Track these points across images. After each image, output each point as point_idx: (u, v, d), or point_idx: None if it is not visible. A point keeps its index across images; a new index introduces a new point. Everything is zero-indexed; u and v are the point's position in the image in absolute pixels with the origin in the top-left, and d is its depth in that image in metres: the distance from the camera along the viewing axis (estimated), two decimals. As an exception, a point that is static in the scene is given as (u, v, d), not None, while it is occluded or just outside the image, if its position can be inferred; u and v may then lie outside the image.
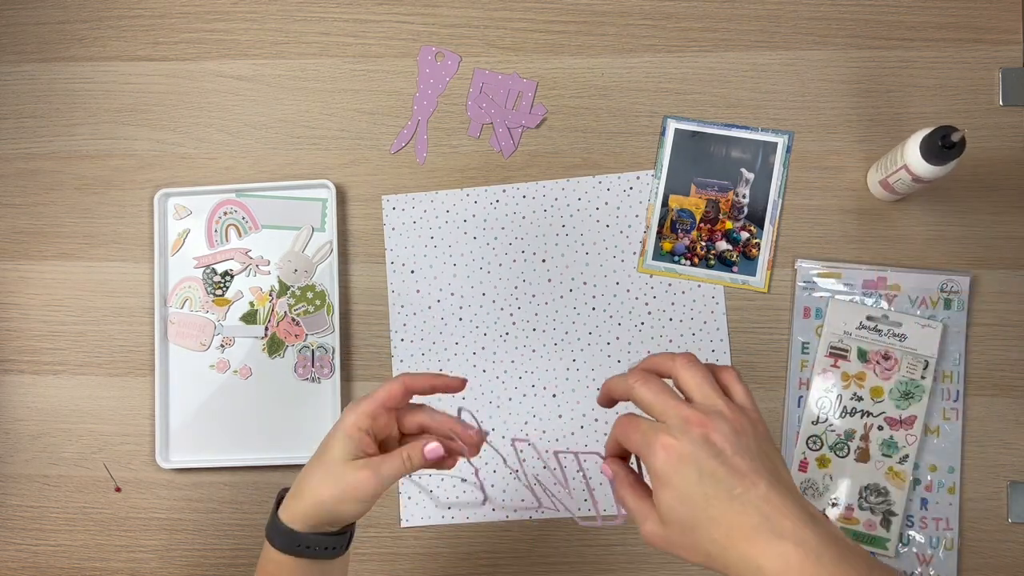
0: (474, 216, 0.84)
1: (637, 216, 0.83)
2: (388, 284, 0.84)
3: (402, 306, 0.83)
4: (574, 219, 0.83)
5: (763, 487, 0.47)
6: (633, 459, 0.55)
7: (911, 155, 0.72)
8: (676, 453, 0.48)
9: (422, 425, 0.62)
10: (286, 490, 0.63)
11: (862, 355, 0.80)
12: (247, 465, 0.82)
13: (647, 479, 0.52)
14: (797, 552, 0.46)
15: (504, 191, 0.84)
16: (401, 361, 0.83)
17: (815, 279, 0.81)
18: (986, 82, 0.83)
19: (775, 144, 0.83)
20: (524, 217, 0.84)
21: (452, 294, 0.83)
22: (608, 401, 0.55)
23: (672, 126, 0.83)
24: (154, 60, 0.87)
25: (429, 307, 0.83)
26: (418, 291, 0.83)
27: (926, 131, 0.71)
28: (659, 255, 0.83)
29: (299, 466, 0.83)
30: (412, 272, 0.84)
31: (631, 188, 0.83)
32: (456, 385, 0.62)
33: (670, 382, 0.52)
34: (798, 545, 0.46)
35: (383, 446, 0.62)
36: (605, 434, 0.81)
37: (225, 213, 0.85)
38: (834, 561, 0.46)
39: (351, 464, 0.59)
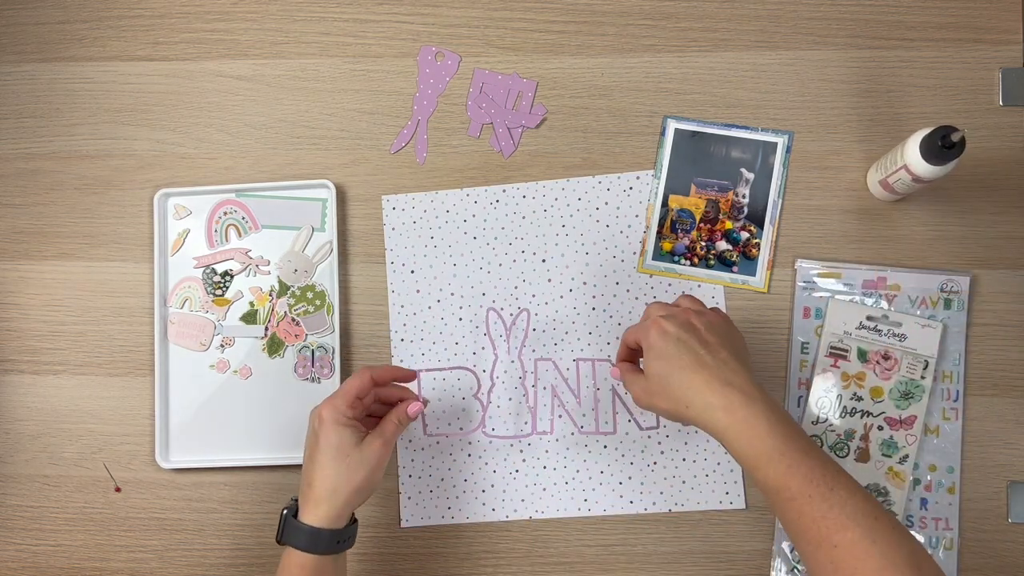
0: (474, 216, 0.84)
1: (637, 216, 0.83)
2: (388, 284, 0.84)
3: (402, 306, 0.83)
4: (574, 219, 0.83)
5: (724, 354, 0.65)
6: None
7: (911, 155, 0.72)
8: (663, 329, 0.66)
9: (386, 396, 0.75)
10: (293, 501, 0.71)
11: (862, 355, 0.80)
12: (247, 465, 0.82)
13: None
14: (739, 396, 0.63)
15: (504, 191, 0.84)
16: (401, 361, 0.83)
17: (815, 279, 0.81)
18: (986, 82, 0.83)
19: (775, 144, 0.83)
20: (524, 217, 0.84)
21: (452, 294, 0.83)
22: (627, 353, 0.72)
23: (672, 126, 0.83)
24: (154, 60, 0.87)
25: (429, 307, 0.83)
26: (418, 291, 0.83)
27: (926, 131, 0.71)
28: (659, 255, 0.83)
29: (299, 466, 0.83)
30: (412, 272, 0.84)
31: (631, 188, 0.83)
32: (409, 376, 0.75)
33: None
34: (741, 392, 0.63)
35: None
36: (605, 435, 0.82)
37: (225, 213, 0.85)
38: (767, 407, 0.62)
39: (362, 445, 0.69)
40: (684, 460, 0.81)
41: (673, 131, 0.83)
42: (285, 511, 0.70)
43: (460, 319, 0.83)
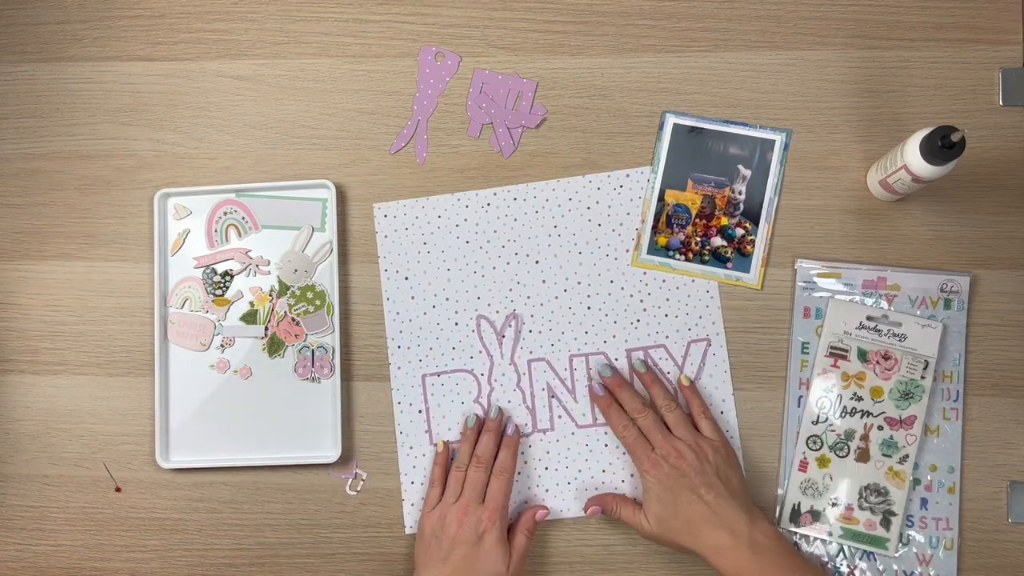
0: (466, 220, 0.84)
1: (628, 214, 0.83)
2: (383, 291, 0.83)
3: (397, 313, 0.83)
4: (565, 219, 0.83)
5: (712, 495, 0.73)
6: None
7: (911, 155, 0.72)
8: (658, 475, 0.75)
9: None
10: None
11: (862, 355, 0.80)
12: (247, 465, 0.82)
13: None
14: (729, 537, 0.72)
15: (495, 194, 0.84)
16: (399, 368, 0.83)
17: (815, 279, 0.81)
18: (986, 82, 0.83)
19: (772, 141, 0.83)
20: (516, 219, 0.84)
21: (447, 299, 0.83)
22: (605, 401, 0.80)
23: (670, 121, 0.83)
24: (154, 60, 0.87)
25: (424, 313, 0.83)
26: (413, 297, 0.83)
27: (926, 131, 0.71)
28: (654, 249, 0.83)
29: (299, 466, 0.83)
30: (406, 279, 0.84)
31: (621, 186, 0.83)
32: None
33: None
34: (731, 532, 0.72)
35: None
36: (605, 433, 0.82)
37: (225, 213, 0.85)
38: (759, 547, 0.72)
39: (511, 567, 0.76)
40: (684, 460, 0.81)
41: (671, 126, 0.83)
42: None
43: (456, 324, 0.83)
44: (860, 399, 0.80)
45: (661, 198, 0.83)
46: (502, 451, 0.79)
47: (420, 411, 0.83)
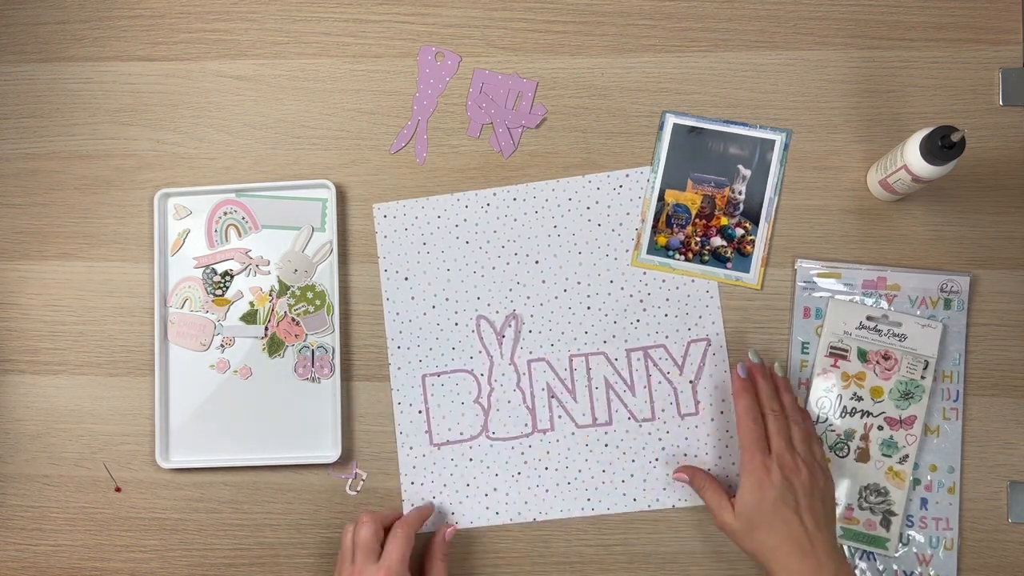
0: (465, 220, 0.84)
1: (628, 214, 0.83)
2: (383, 292, 0.83)
3: (397, 313, 0.83)
4: (565, 219, 0.83)
5: (812, 524, 0.70)
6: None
7: (911, 155, 0.72)
8: (766, 478, 0.72)
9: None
10: None
11: (862, 355, 0.80)
12: (247, 465, 0.82)
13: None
14: (811, 566, 0.69)
15: (495, 194, 0.84)
16: (399, 368, 0.83)
17: (815, 279, 0.81)
18: (986, 82, 0.83)
19: (772, 141, 0.83)
20: (516, 219, 0.84)
21: (447, 299, 0.83)
22: (743, 384, 0.77)
23: (670, 120, 0.83)
24: (154, 60, 0.87)
25: (424, 313, 0.83)
26: (412, 298, 0.83)
27: (926, 131, 0.71)
28: (654, 249, 0.83)
29: (299, 466, 0.83)
30: (406, 279, 0.84)
31: (621, 186, 0.83)
32: (427, 512, 0.81)
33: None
34: (817, 563, 0.69)
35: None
36: (606, 433, 0.82)
37: (225, 213, 0.85)
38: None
39: None
40: (686, 456, 0.81)
41: (671, 126, 0.83)
42: None
43: (456, 324, 0.83)
44: (860, 399, 0.80)
45: (661, 198, 0.83)
46: (410, 511, 0.80)
47: (420, 411, 0.83)
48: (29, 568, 0.84)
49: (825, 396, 0.80)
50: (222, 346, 0.84)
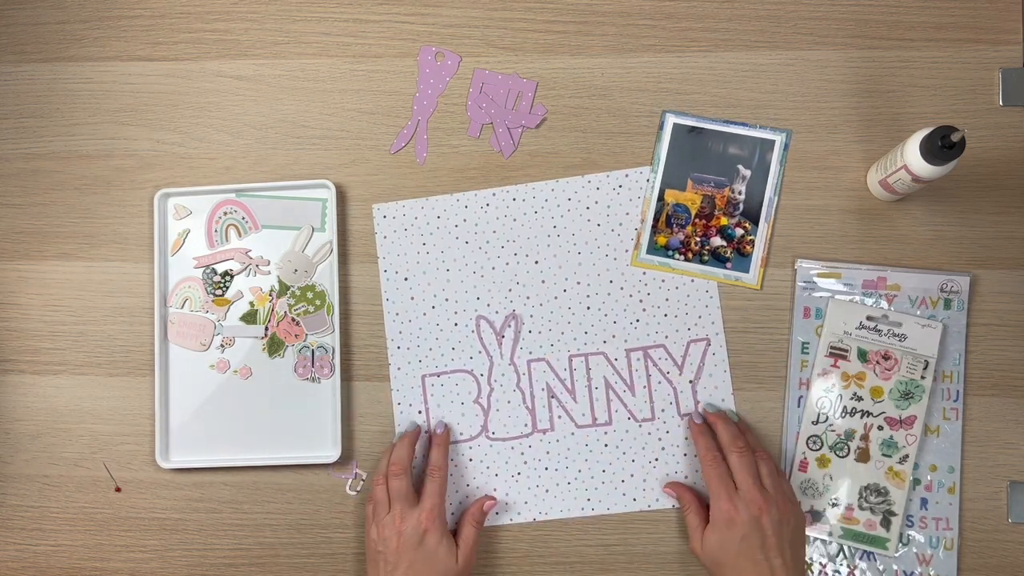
0: (465, 221, 0.84)
1: (628, 214, 0.83)
2: (383, 292, 0.83)
3: (397, 314, 0.83)
4: (564, 219, 0.83)
5: (780, 563, 0.71)
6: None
7: (911, 155, 0.72)
8: (734, 516, 0.73)
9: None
10: None
11: (862, 355, 0.80)
12: (247, 465, 0.82)
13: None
14: None
15: (494, 194, 0.84)
16: (399, 369, 0.83)
17: (815, 279, 0.81)
18: (986, 82, 0.83)
19: (772, 142, 0.83)
20: (515, 220, 0.84)
21: (447, 300, 0.83)
22: (699, 428, 0.79)
23: (670, 120, 0.83)
24: (154, 60, 0.87)
25: (424, 313, 0.83)
26: (412, 298, 0.83)
27: (926, 131, 0.71)
28: (653, 249, 0.83)
29: (299, 466, 0.83)
30: (406, 279, 0.84)
31: (620, 186, 0.83)
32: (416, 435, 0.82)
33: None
34: None
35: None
36: (606, 433, 0.82)
37: (225, 213, 0.85)
38: None
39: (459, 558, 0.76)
40: (685, 455, 0.81)
41: (671, 126, 0.83)
42: None
43: (455, 324, 0.83)
44: (860, 399, 0.80)
45: (661, 198, 0.83)
46: (432, 450, 0.80)
47: (420, 411, 0.83)
48: (29, 568, 0.84)
49: (825, 396, 0.80)
50: (222, 346, 0.84)
